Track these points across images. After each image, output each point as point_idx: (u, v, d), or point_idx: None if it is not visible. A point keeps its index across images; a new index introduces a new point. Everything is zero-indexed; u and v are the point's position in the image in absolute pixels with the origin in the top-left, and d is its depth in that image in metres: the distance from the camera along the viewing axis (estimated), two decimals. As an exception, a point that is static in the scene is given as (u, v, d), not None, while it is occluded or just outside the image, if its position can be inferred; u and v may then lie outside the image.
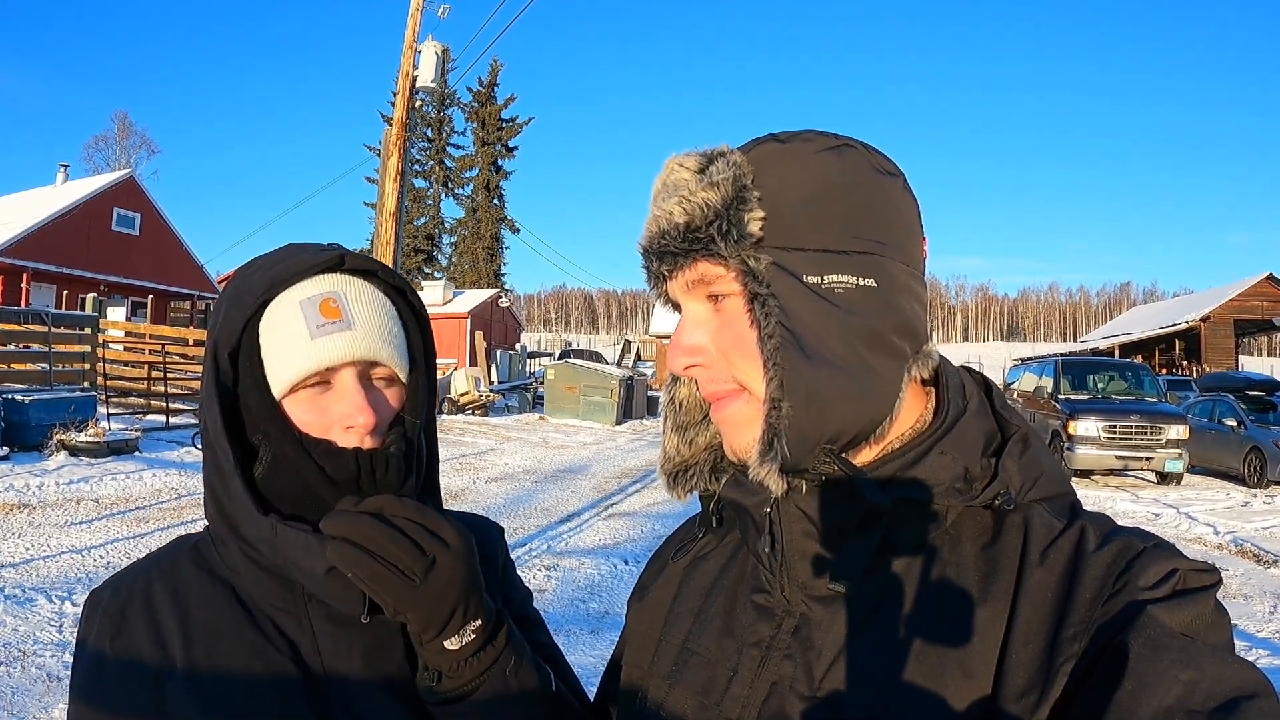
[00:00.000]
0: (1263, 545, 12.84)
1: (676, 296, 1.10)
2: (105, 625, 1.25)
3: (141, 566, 1.32)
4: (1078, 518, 1.00)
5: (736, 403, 1.05)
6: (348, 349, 1.22)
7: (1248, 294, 51.59)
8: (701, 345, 1.07)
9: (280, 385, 1.22)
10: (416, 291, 1.39)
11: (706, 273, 1.04)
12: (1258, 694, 0.78)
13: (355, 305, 1.26)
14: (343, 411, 1.22)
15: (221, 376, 1.23)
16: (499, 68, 76.66)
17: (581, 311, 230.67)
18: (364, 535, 1.11)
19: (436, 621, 1.15)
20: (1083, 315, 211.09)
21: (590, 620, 8.09)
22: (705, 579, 1.22)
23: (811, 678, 1.01)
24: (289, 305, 1.23)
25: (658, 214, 1.06)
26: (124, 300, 40.17)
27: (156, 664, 1.21)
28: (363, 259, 1.32)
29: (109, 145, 77.62)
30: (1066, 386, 21.43)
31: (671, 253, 1.05)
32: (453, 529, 1.18)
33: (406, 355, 1.32)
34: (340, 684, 1.24)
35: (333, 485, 1.21)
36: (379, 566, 1.10)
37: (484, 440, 23.01)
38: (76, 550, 9.45)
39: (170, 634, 1.23)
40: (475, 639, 1.18)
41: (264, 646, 1.23)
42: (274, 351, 1.22)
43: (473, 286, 68.40)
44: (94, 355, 19.01)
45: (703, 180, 1.02)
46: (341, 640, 1.25)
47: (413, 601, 1.12)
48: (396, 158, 22.45)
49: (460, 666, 1.18)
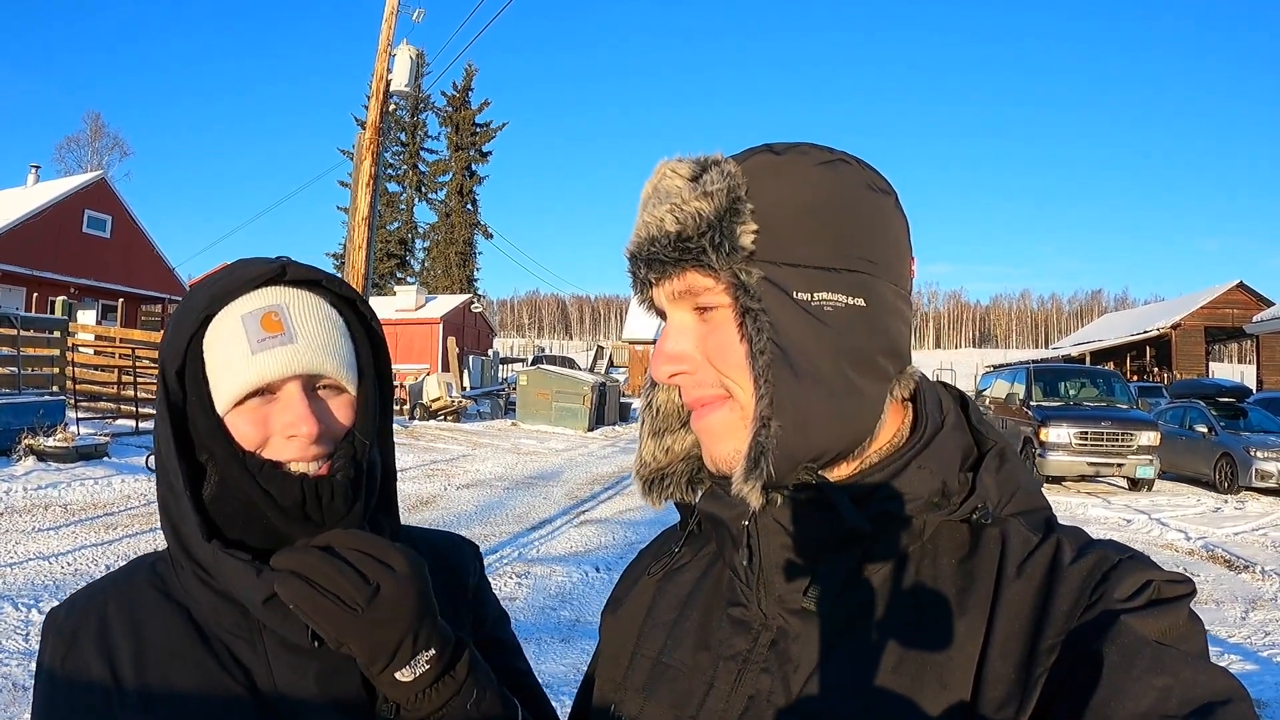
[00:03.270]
0: (1234, 551, 12.93)
1: (662, 304, 1.09)
2: (58, 647, 1.24)
3: (99, 586, 1.31)
4: (1054, 531, 1.00)
5: (720, 410, 1.05)
6: (289, 363, 1.21)
7: (1218, 301, 51.97)
8: (686, 353, 1.06)
9: (224, 401, 1.20)
10: (367, 301, 1.37)
11: (695, 283, 1.03)
12: (1232, 699, 0.79)
13: (298, 317, 1.24)
14: (285, 421, 1.21)
15: (171, 395, 1.22)
16: (473, 72, 76.69)
17: (554, 317, 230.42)
18: (308, 567, 1.11)
19: (383, 652, 1.12)
20: (1055, 322, 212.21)
21: (561, 629, 8.08)
22: (680, 591, 1.22)
23: (789, 691, 1.01)
24: (231, 320, 1.22)
25: (648, 220, 1.05)
26: (94, 303, 39.90)
27: (106, 686, 1.19)
28: (306, 269, 1.30)
29: (81, 146, 77.09)
30: (1038, 393, 21.55)
31: (661, 261, 1.04)
32: (401, 556, 1.16)
33: (354, 367, 1.29)
34: (293, 710, 1.22)
35: (278, 509, 1.20)
36: (320, 598, 1.09)
37: (456, 446, 22.92)
38: (44, 557, 9.37)
39: (122, 656, 1.21)
40: (430, 669, 1.16)
41: (217, 671, 1.21)
42: (216, 368, 1.21)
43: (445, 292, 68.34)
44: (63, 359, 18.82)
45: (696, 189, 1.01)
46: (296, 666, 1.23)
47: (355, 631, 1.10)
48: (370, 162, 22.45)
49: (417, 699, 1.16)
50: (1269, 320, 33.52)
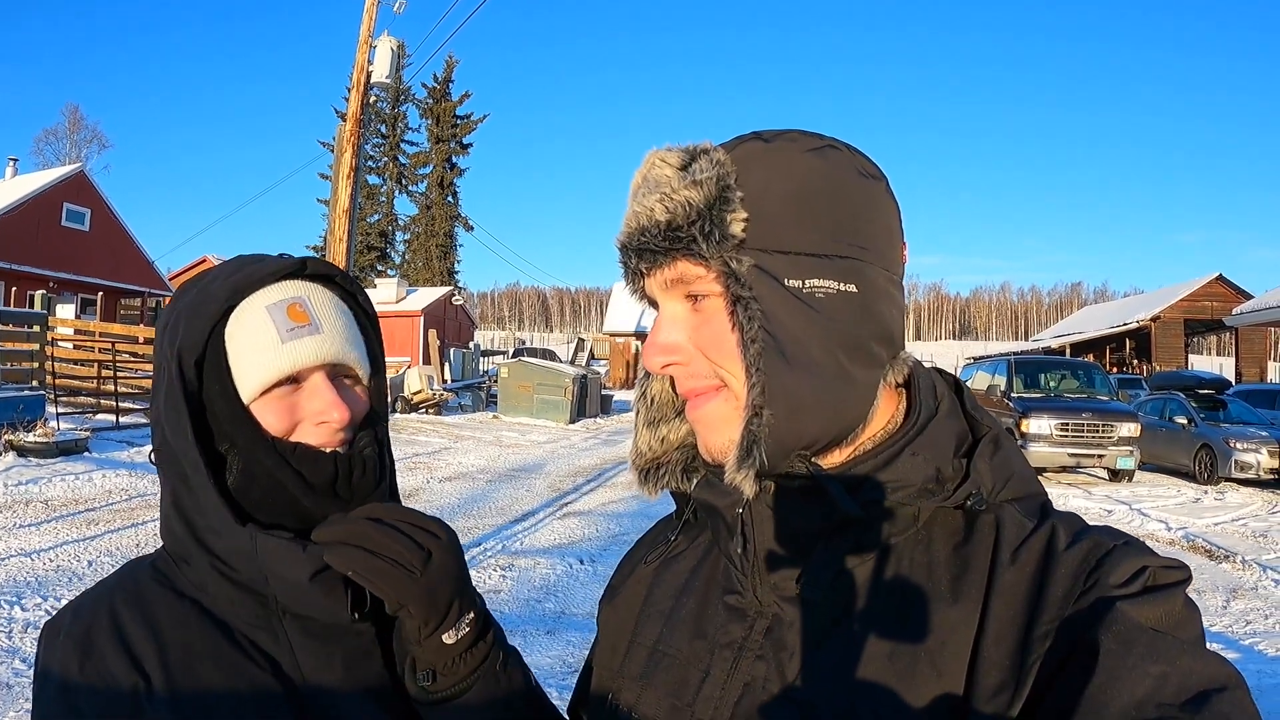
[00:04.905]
0: (1214, 540, 13.03)
1: (654, 294, 1.09)
2: (70, 651, 1.18)
3: (101, 589, 1.28)
4: (1048, 517, 1.00)
5: (715, 400, 1.04)
6: (317, 352, 1.24)
7: (1198, 294, 52.20)
8: (679, 344, 1.06)
9: (250, 390, 1.22)
10: (368, 295, 1.41)
11: (686, 272, 1.03)
12: (1228, 686, 0.79)
13: (320, 309, 1.28)
14: (315, 408, 1.24)
15: (188, 386, 1.22)
16: (454, 64, 76.37)
17: (535, 309, 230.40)
18: (361, 535, 1.14)
19: (436, 614, 1.18)
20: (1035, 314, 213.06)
21: (546, 621, 8.07)
22: (676, 580, 1.22)
23: (784, 678, 1.01)
24: (255, 311, 1.24)
25: (638, 210, 1.04)
26: (73, 297, 39.75)
27: (133, 687, 1.16)
28: (323, 264, 1.34)
29: (59, 139, 76.61)
30: (1019, 385, 21.60)
31: (651, 250, 1.03)
32: (440, 525, 1.22)
33: (368, 358, 1.34)
34: (324, 696, 1.24)
35: (309, 489, 1.22)
36: (379, 562, 1.13)
37: (438, 439, 22.83)
38: (25, 554, 9.29)
39: (145, 655, 1.19)
40: (470, 632, 1.21)
41: (244, 664, 1.22)
42: (243, 357, 1.23)
43: (426, 284, 68.11)
44: (43, 354, 18.68)
45: (685, 178, 1.01)
46: (320, 652, 1.25)
47: (415, 594, 1.15)
48: (350, 154, 22.36)
49: (455, 663, 1.20)
50: (1248, 313, 33.56)
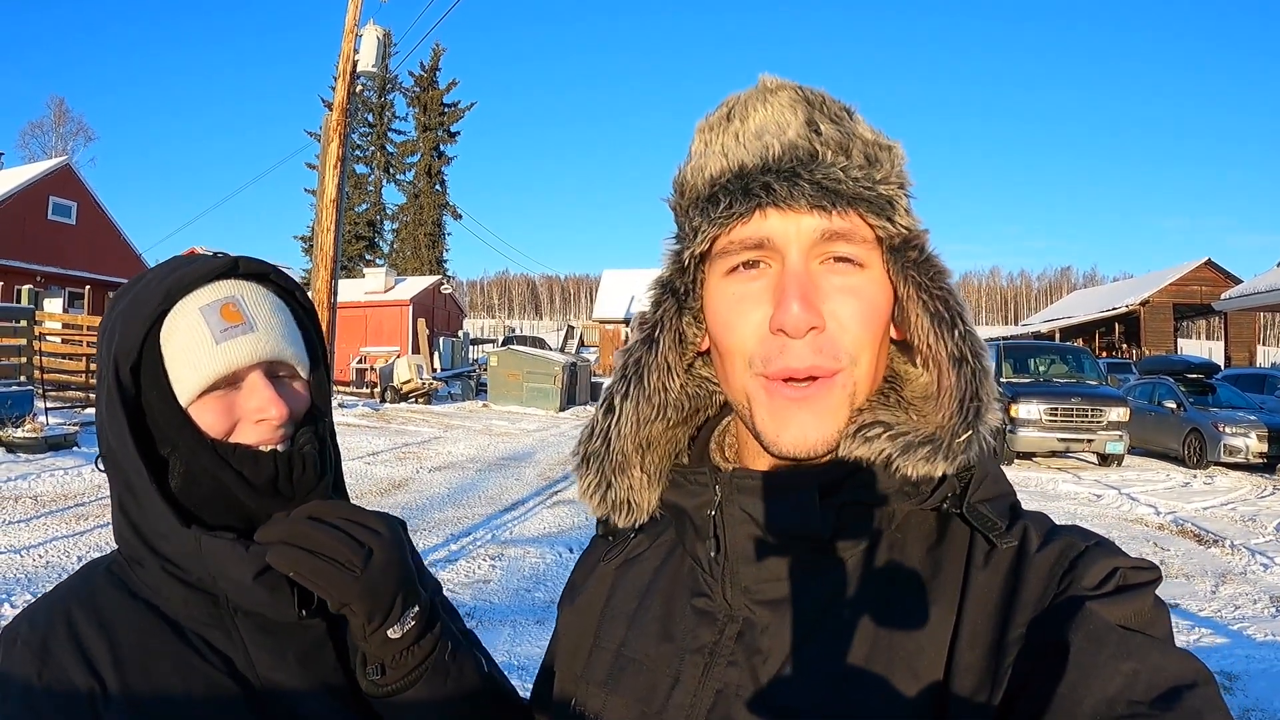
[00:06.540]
0: (1203, 525, 13.05)
1: (770, 233, 1.00)
2: (27, 658, 1.20)
3: (55, 595, 1.29)
4: (1019, 518, 1.00)
5: (836, 385, 1.00)
6: (253, 350, 1.25)
7: (1186, 279, 52.34)
8: (833, 311, 0.99)
9: (187, 393, 1.23)
10: (305, 291, 1.42)
11: (857, 229, 1.00)
12: (1198, 683, 0.79)
13: (254, 308, 1.28)
14: (253, 406, 1.25)
15: (125, 392, 1.22)
16: (441, 52, 75.89)
17: (524, 298, 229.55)
18: (301, 535, 1.15)
19: (380, 610, 1.18)
20: (1024, 299, 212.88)
21: (536, 610, 8.05)
22: (639, 581, 1.20)
23: (758, 684, 1.00)
24: (189, 313, 1.25)
25: (827, 134, 0.99)
26: (61, 291, 39.52)
27: (90, 691, 1.18)
28: (256, 263, 1.34)
29: (45, 132, 76.21)
30: (1008, 370, 21.61)
31: (827, 189, 0.97)
32: (381, 521, 1.22)
33: (306, 354, 1.35)
34: (279, 691, 1.24)
35: (251, 489, 1.23)
36: (320, 562, 1.13)
37: (427, 428, 22.83)
38: (14, 550, 9.23)
39: (101, 659, 1.20)
40: (415, 625, 1.22)
41: (198, 663, 1.22)
42: (178, 360, 1.23)
43: (415, 273, 67.77)
44: (30, 348, 18.62)
45: (885, 139, 1.02)
46: (274, 649, 1.26)
47: (356, 592, 1.15)
48: (337, 143, 22.31)
49: (403, 656, 1.21)
50: (1237, 297, 33.68)
